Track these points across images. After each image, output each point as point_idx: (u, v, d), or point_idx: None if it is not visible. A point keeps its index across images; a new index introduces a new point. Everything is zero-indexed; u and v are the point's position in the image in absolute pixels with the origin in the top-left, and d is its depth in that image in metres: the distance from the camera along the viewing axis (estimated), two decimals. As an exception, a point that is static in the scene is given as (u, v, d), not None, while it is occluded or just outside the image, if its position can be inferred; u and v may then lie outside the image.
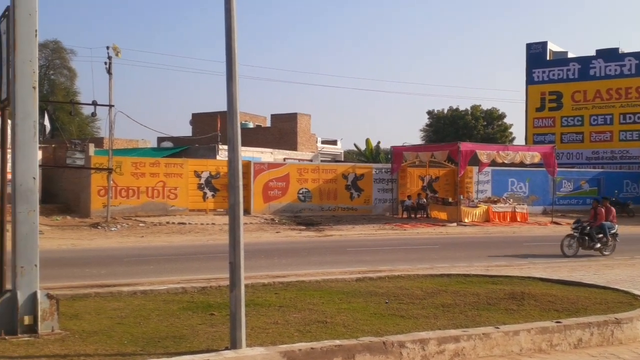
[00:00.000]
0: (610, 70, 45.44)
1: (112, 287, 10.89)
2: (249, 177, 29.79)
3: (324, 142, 56.54)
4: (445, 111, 62.25)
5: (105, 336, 7.53)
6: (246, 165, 30.34)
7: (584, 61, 46.55)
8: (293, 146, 48.74)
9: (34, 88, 7.79)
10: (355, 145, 52.76)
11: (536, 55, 47.37)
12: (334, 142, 58.88)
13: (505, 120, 62.05)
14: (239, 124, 7.13)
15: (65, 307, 8.51)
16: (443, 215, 31.75)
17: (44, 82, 51.53)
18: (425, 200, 33.19)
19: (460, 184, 33.13)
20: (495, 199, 33.65)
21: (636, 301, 9.71)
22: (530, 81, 47.55)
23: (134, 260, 15.96)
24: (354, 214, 32.39)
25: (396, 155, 34.09)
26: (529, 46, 47.88)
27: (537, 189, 36.89)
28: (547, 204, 36.06)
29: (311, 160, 42.07)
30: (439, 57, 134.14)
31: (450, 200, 32.58)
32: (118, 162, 27.20)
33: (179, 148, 38.10)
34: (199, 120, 51.05)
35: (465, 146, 30.74)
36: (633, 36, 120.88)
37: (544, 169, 33.71)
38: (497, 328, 7.71)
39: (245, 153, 35.74)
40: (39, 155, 10.92)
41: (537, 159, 32.46)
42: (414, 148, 36.36)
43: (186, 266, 15.17)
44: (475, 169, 34.65)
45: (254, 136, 47.19)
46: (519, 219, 31.82)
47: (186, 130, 54.80)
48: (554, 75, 47.01)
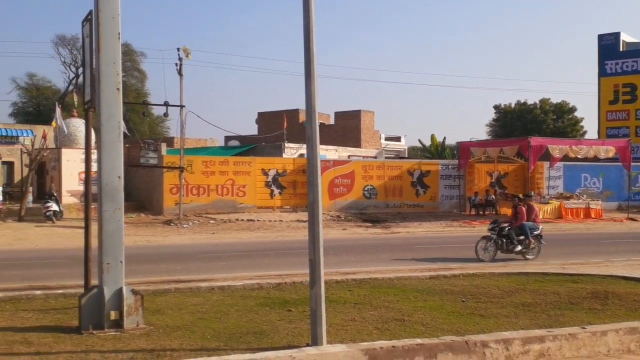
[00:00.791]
0: (686, 60, 43.30)
1: (190, 283, 11.14)
2: (315, 174, 29.91)
3: (387, 138, 56.20)
4: (513, 105, 60.72)
5: (189, 331, 7.69)
6: (312, 163, 30.46)
7: (659, 52, 44.52)
8: (357, 143, 48.66)
9: (117, 89, 8.03)
10: (419, 141, 52.15)
11: (608, 46, 45.57)
12: (397, 139, 58.45)
13: (576, 113, 59.98)
14: (317, 122, 7.13)
15: (147, 302, 8.74)
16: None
17: (118, 85, 53.11)
18: (493, 196, 32.47)
19: (531, 179, 32.27)
20: (568, 195, 32.58)
21: None
22: (602, 73, 45.77)
23: (207, 257, 16.28)
24: (420, 211, 32.07)
25: (463, 151, 33.52)
26: (600, 37, 46.09)
27: (612, 184, 35.52)
28: (622, 199, 34.64)
29: (375, 157, 41.87)
30: (506, 50, 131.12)
31: (521, 196, 31.67)
32: (189, 160, 27.87)
33: (245, 146, 38.65)
34: (265, 119, 51.64)
35: (536, 141, 29.90)
36: None
37: (618, 163, 32.41)
38: (584, 328, 7.46)
39: (310, 151, 35.90)
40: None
41: (611, 154, 31.25)
42: (481, 143, 35.65)
43: (257, 262, 15.36)
44: (546, 164, 33.63)
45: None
46: (593, 216, 30.69)
47: (252, 129, 55.62)
48: (627, 66, 45.11)
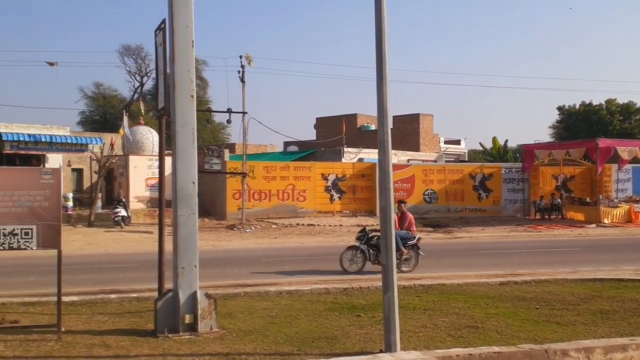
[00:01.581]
0: None
1: (258, 287, 11.25)
2: (373, 178, 29.81)
3: (447, 142, 55.48)
4: (577, 106, 58.94)
5: (261, 335, 7.76)
6: (371, 167, 30.41)
7: None
8: (416, 147, 48.24)
9: (191, 97, 8.18)
10: (480, 144, 51.24)
11: (680, 43, 43.72)
12: (457, 142, 57.60)
13: (645, 114, 57.67)
14: (389, 125, 7.10)
15: (219, 306, 8.85)
16: (580, 216, 30.03)
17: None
18: (559, 200, 31.56)
19: (599, 182, 31.22)
20: (637, 199, 31.39)
21: None
22: (673, 71, 43.93)
23: (270, 261, 16.41)
24: (482, 215, 31.46)
25: (527, 153, 32.71)
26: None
27: (684, 187, 34.02)
28: (695, 202, 33.09)
29: (435, 161, 41.39)
30: (569, 50, 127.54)
31: (588, 200, 30.76)
32: (251, 166, 28.26)
33: (305, 152, 38.88)
34: (323, 124, 51.84)
35: (604, 142, 28.89)
36: None
37: (692, 165, 31.02)
38: (670, 337, 7.14)
39: (369, 155, 35.85)
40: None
41: (683, 155, 29.93)
42: (546, 146, 34.74)
43: (320, 266, 15.37)
44: (614, 166, 32.49)
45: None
46: (665, 220, 29.44)
47: (310, 134, 55.88)
48: (699, 64, 43.17)
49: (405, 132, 50.11)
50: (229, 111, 25.86)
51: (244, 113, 26.86)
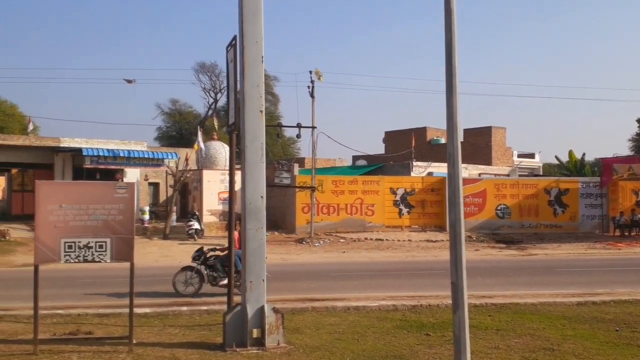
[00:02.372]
0: None
1: (326, 302, 11.21)
2: (443, 193, 29.31)
3: (520, 155, 53.96)
4: (659, 118, 56.19)
5: (328, 352, 7.69)
6: (441, 182, 29.94)
7: None
8: (487, 161, 47.17)
9: (260, 112, 8.26)
10: (556, 157, 49.49)
11: None
12: (531, 156, 55.92)
13: None
14: (459, 138, 6.93)
15: (286, 320, 8.85)
16: (664, 234, 28.53)
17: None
18: (640, 216, 30.12)
19: (684, 198, 29.58)
20: None
21: None
22: None
23: (339, 275, 16.35)
24: (558, 232, 30.36)
25: (605, 167, 31.42)
26: None
27: None
28: None
29: (508, 175, 40.33)
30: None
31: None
32: (320, 180, 28.39)
33: (373, 166, 38.72)
34: (392, 138, 51.53)
35: (689, 156, 27.41)
36: None
37: None
38: None
39: (438, 169, 35.31)
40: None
41: None
42: (626, 160, 33.22)
43: (389, 282, 15.19)
44: (702, 181, 30.74)
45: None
46: None
47: (379, 148, 55.71)
48: None
49: (477, 145, 49.09)
50: (298, 126, 26.10)
51: (313, 128, 27.06)
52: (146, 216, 29.04)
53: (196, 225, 26.70)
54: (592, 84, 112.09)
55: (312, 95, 27.65)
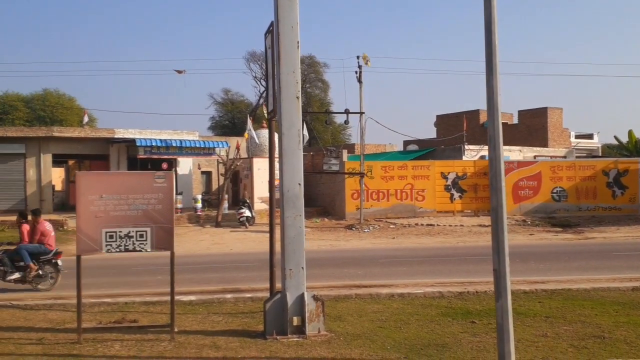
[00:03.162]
0: None
1: (370, 289, 11.09)
2: (497, 176, 28.63)
3: (577, 136, 52.26)
4: None
5: (369, 340, 7.59)
6: (494, 165, 29.25)
7: None
8: (543, 143, 45.85)
9: (297, 98, 8.17)
10: (615, 138, 47.71)
11: None
12: (589, 136, 54.11)
13: None
14: (500, 120, 6.65)
15: (329, 308, 8.81)
16: None
17: (302, 95, 55.88)
18: None
19: None
20: None
21: None
22: None
23: (387, 262, 16.19)
24: (617, 214, 29.29)
25: (669, 147, 30.06)
26: None
27: None
28: None
29: (565, 157, 39.09)
30: None
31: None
32: (369, 166, 28.16)
33: (424, 150, 38.18)
34: (443, 122, 50.68)
35: None
36: None
37: None
38: None
39: (492, 152, 34.49)
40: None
41: None
42: (691, 138, 31.71)
43: (438, 268, 14.94)
44: None
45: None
46: None
47: (430, 132, 54.90)
48: None
49: (532, 127, 47.77)
50: (346, 112, 25.87)
51: (361, 113, 26.79)
52: (199, 204, 29.46)
53: (247, 213, 26.98)
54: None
55: (359, 81, 27.37)
